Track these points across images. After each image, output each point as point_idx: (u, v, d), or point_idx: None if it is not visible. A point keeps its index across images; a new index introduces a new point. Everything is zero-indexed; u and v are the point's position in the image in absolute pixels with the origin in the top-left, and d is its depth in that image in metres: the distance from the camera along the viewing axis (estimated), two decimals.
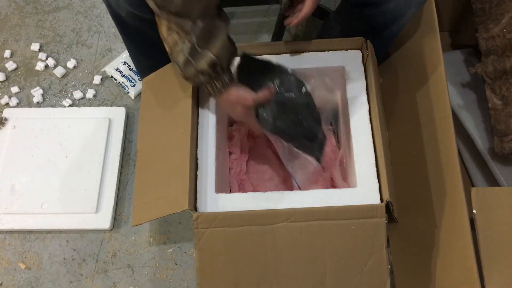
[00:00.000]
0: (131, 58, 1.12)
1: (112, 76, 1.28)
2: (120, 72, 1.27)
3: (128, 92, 1.27)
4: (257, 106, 0.82)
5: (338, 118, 1.07)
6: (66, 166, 1.15)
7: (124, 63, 1.28)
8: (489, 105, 0.99)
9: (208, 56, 0.74)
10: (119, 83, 1.28)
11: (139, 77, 1.27)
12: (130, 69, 1.27)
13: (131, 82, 1.26)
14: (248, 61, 0.85)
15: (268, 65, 0.85)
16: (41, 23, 1.39)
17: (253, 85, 0.82)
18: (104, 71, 1.30)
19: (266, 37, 1.36)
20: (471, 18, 1.06)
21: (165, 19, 0.72)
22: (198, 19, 0.71)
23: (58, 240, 1.12)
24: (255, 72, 0.84)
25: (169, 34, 0.74)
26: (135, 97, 1.27)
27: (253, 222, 0.76)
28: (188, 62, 0.74)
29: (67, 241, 1.12)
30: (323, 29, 1.20)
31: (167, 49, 0.76)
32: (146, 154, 0.88)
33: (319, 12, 1.33)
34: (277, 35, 1.28)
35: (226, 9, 1.44)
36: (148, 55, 0.94)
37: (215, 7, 0.73)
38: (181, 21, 0.71)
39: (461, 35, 1.22)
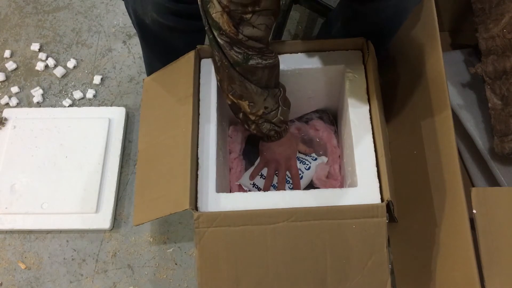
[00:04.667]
0: (146, 65, 1.12)
1: None
2: None
3: None
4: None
5: (339, 118, 1.07)
6: (66, 166, 1.15)
7: None
8: (489, 105, 0.99)
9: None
10: None
11: None
12: None
13: None
14: (254, 136, 1.05)
15: None
16: (41, 23, 1.39)
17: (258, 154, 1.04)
18: None
19: None
20: (471, 18, 1.06)
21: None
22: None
23: (58, 240, 1.12)
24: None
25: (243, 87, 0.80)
26: None
27: (253, 222, 0.76)
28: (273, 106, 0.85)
29: (67, 241, 1.12)
30: (323, 26, 1.20)
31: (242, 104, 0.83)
32: (147, 153, 0.88)
33: (320, 9, 1.32)
34: (278, 30, 1.28)
35: None
36: (164, 62, 0.96)
37: None
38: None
39: (461, 35, 1.22)
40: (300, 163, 1.03)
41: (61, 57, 1.34)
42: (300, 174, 1.02)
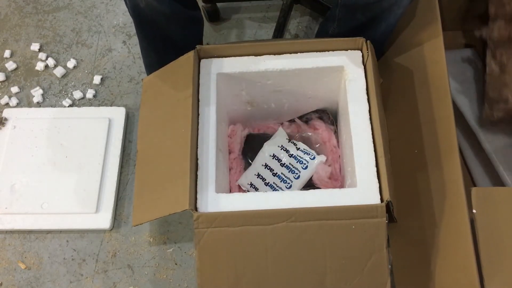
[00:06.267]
0: (142, 53, 1.12)
1: None
2: None
3: None
4: None
5: (339, 118, 1.07)
6: (66, 166, 1.15)
7: None
8: (487, 70, 0.98)
9: None
10: None
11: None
12: None
13: None
14: (252, 136, 1.11)
15: (266, 135, 1.10)
16: (41, 23, 1.39)
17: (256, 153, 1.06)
18: None
19: (268, 32, 1.35)
20: (472, 18, 1.06)
21: None
22: None
23: (58, 240, 1.12)
24: (258, 143, 1.08)
25: None
26: None
27: (253, 222, 0.76)
28: None
29: (67, 241, 1.12)
30: (321, 26, 1.21)
31: None
32: (146, 154, 0.88)
33: (321, 9, 1.33)
34: (279, 30, 1.28)
35: (230, 4, 1.44)
36: (158, 50, 0.95)
37: None
38: None
39: (462, 34, 1.22)
40: (297, 162, 1.03)
41: (61, 57, 1.34)
42: (297, 173, 1.02)
